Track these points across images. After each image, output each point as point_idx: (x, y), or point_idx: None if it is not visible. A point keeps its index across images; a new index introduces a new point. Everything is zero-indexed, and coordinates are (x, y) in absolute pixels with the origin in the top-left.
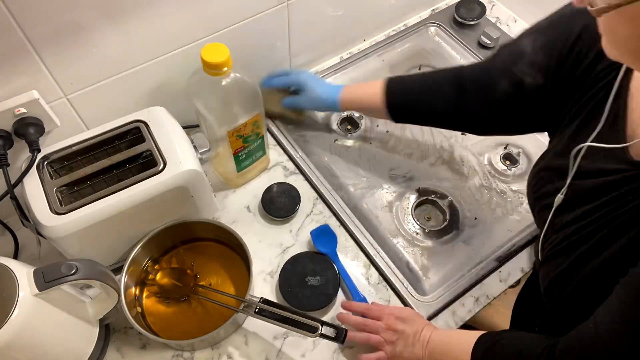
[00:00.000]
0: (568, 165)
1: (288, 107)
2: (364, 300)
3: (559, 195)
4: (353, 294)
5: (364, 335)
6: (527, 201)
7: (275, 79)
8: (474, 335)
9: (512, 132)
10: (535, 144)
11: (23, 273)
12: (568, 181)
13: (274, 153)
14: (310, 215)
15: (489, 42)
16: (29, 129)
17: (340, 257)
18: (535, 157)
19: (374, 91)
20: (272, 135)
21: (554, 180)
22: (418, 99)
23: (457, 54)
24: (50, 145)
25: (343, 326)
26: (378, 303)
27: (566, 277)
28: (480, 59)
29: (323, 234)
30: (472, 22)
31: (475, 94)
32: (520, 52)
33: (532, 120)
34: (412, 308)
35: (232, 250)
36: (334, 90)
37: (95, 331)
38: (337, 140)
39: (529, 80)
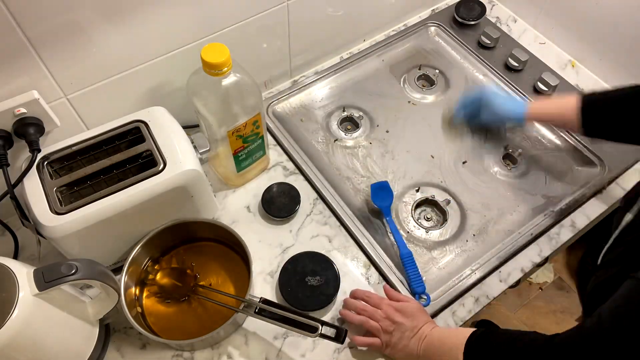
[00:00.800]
0: None
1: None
2: (409, 254)
3: None
4: (400, 246)
5: (362, 318)
6: (528, 201)
7: (462, 110)
8: (470, 330)
9: None
10: (535, 144)
11: (23, 273)
12: None
13: (274, 153)
14: (310, 215)
15: (489, 42)
16: (29, 129)
17: (340, 257)
18: (535, 157)
19: (568, 104)
20: (272, 135)
21: None
22: (619, 112)
23: (457, 54)
24: (50, 145)
25: (343, 326)
26: (390, 289)
27: (605, 288)
28: (481, 58)
29: (381, 190)
30: (472, 22)
31: None
32: None
33: None
34: None
35: (232, 250)
36: (519, 103)
37: (95, 331)
38: (337, 140)
39: None
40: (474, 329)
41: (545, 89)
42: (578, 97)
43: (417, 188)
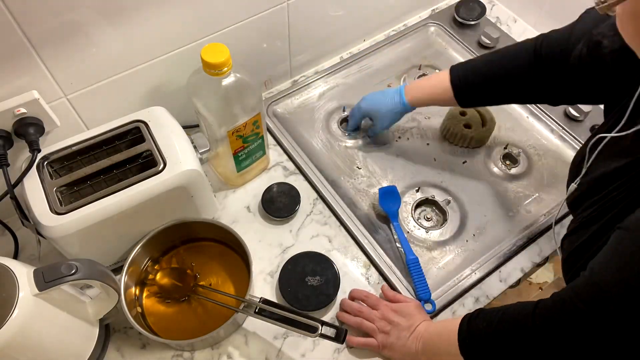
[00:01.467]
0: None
1: (374, 136)
2: (415, 260)
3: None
4: (407, 252)
5: (357, 320)
6: (527, 201)
7: (351, 124)
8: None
9: (586, 101)
10: (535, 144)
11: (23, 273)
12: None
13: (274, 153)
14: (310, 215)
15: (489, 42)
16: (29, 129)
17: (340, 257)
18: (535, 156)
19: (440, 79)
20: (272, 135)
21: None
22: (489, 74)
23: (457, 54)
24: (50, 145)
25: (343, 326)
26: (389, 290)
27: (583, 249)
28: None
29: (389, 194)
30: (472, 22)
31: (550, 61)
32: (605, 15)
33: (605, 88)
34: None
35: (232, 250)
36: (397, 95)
37: (95, 331)
38: (337, 140)
39: (606, 43)
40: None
41: None
42: (447, 73)
43: (417, 188)
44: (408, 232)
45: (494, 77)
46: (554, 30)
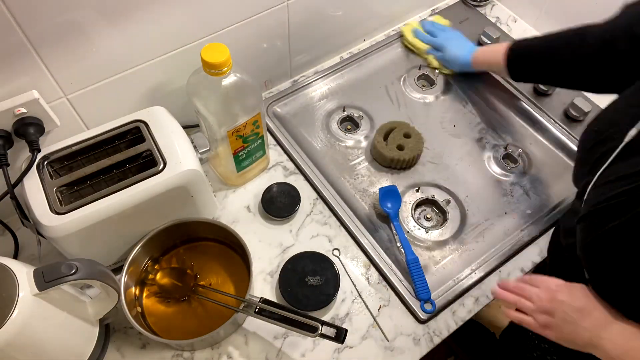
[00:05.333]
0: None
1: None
2: (416, 260)
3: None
4: (407, 252)
5: (515, 297)
6: (528, 201)
7: (421, 34)
8: None
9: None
10: (535, 144)
11: (23, 273)
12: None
13: (274, 153)
14: (310, 215)
15: (488, 42)
16: (29, 128)
17: (340, 257)
18: (535, 156)
19: (499, 52)
20: (272, 135)
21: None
22: (540, 53)
23: None
24: (50, 145)
25: (343, 326)
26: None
27: (618, 234)
28: None
29: (389, 194)
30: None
31: (595, 49)
32: None
33: None
34: (411, 308)
35: (232, 250)
36: (467, 51)
37: (95, 331)
38: (337, 140)
39: None
40: None
41: (545, 88)
42: (507, 45)
43: (417, 188)
44: (408, 232)
45: (545, 57)
46: (596, 23)
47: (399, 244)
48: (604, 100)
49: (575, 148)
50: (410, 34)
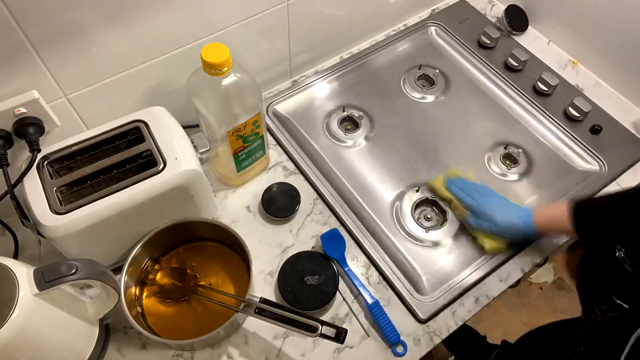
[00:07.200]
0: None
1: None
2: (377, 304)
3: None
4: (365, 296)
5: None
6: (526, 201)
7: (454, 187)
8: None
9: None
10: (535, 144)
11: (23, 273)
12: None
13: (274, 153)
14: (310, 215)
15: (489, 42)
16: (29, 128)
17: None
18: (535, 156)
19: (562, 213)
20: (272, 135)
21: None
22: (610, 220)
23: (457, 54)
24: (50, 145)
25: (343, 326)
26: None
27: None
28: (481, 58)
29: (332, 239)
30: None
31: None
32: None
33: None
34: (412, 308)
35: (232, 250)
36: (523, 219)
37: (95, 331)
38: (337, 140)
39: None
40: None
41: (546, 88)
42: (569, 205)
43: (417, 188)
44: (408, 231)
45: (615, 224)
46: None
47: (394, 240)
48: (603, 100)
49: (575, 148)
50: (442, 186)
